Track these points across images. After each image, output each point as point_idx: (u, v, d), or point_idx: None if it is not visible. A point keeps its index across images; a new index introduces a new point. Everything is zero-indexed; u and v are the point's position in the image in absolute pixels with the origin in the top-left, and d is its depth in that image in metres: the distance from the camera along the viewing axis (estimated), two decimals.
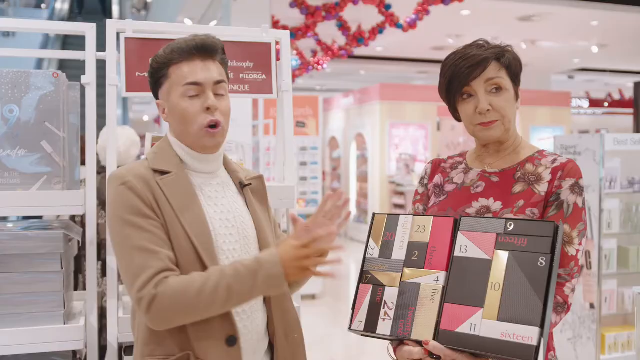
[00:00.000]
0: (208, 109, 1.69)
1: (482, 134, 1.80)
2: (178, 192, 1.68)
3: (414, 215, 1.74)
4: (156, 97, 1.80)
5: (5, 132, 2.01)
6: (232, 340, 1.64)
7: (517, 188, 1.77)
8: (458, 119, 1.88)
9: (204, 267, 1.62)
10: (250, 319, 1.72)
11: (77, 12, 19.93)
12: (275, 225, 1.95)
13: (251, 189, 1.86)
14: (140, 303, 1.54)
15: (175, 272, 1.59)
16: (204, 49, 1.72)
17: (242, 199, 1.84)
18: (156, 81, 1.76)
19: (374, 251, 1.74)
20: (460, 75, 1.76)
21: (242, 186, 1.85)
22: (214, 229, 1.70)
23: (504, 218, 1.61)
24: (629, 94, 19.41)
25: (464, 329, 1.52)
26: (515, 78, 1.81)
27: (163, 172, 1.71)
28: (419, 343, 1.57)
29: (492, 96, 1.76)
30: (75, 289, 3.07)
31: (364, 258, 1.75)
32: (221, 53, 1.77)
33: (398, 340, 1.63)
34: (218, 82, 1.72)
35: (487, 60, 1.75)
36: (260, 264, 1.57)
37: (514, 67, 1.79)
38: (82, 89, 2.22)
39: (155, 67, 1.75)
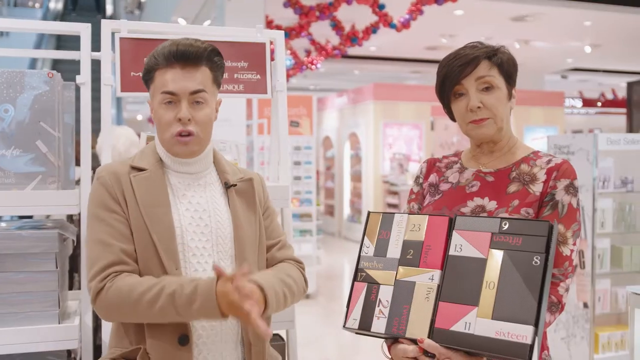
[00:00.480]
0: (180, 120, 1.70)
1: (474, 131, 1.81)
2: (147, 189, 1.73)
3: (409, 214, 1.75)
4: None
5: (0, 131, 2.01)
6: (184, 339, 1.66)
7: (512, 188, 1.78)
8: (453, 119, 1.89)
9: (161, 263, 1.66)
10: (217, 322, 1.72)
11: (71, 8, 19.87)
12: (262, 228, 1.89)
13: (236, 190, 1.86)
14: (89, 293, 1.65)
15: (128, 266, 1.65)
16: (184, 57, 1.71)
17: (226, 199, 1.85)
18: (146, 82, 1.80)
19: (369, 249, 1.75)
20: (452, 74, 1.79)
21: (226, 187, 1.85)
22: (180, 226, 1.73)
23: (498, 217, 1.62)
24: (622, 93, 19.47)
25: (458, 327, 1.53)
26: (508, 77, 1.81)
27: (140, 169, 1.76)
28: (413, 341, 1.57)
29: (483, 94, 1.77)
30: (71, 288, 3.06)
31: (359, 256, 1.75)
32: (209, 58, 1.76)
33: (392, 339, 1.63)
34: (195, 92, 1.72)
35: (478, 58, 1.77)
36: (197, 292, 1.57)
37: (506, 66, 1.80)
38: (77, 88, 2.21)
39: (145, 70, 1.78)
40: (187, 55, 1.71)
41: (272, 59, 2.48)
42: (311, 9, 8.75)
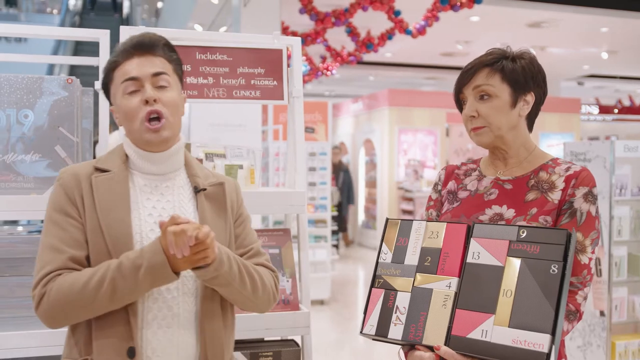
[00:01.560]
0: (147, 102, 1.66)
1: (474, 139, 1.84)
2: (107, 191, 1.67)
3: (427, 221, 1.75)
4: (111, 105, 1.79)
5: (19, 136, 2.03)
6: (132, 352, 1.59)
7: (531, 196, 1.78)
8: None
9: None
10: (168, 333, 1.65)
11: (90, 8, 20.11)
12: (231, 235, 1.82)
13: (205, 195, 1.79)
14: (33, 302, 1.58)
15: (69, 272, 1.58)
16: (139, 46, 1.70)
17: (194, 204, 1.78)
18: (106, 89, 1.76)
19: (387, 256, 1.75)
20: (458, 82, 1.84)
21: (196, 191, 1.78)
22: (140, 231, 1.66)
23: (516, 225, 1.62)
24: (639, 100, 19.35)
25: (475, 335, 1.53)
26: (514, 84, 1.78)
27: (104, 171, 1.70)
28: (430, 348, 1.57)
29: (479, 103, 1.79)
30: None
31: (377, 262, 1.76)
32: (164, 49, 1.74)
33: (409, 345, 1.63)
34: (157, 74, 1.69)
35: (477, 66, 1.79)
36: (142, 254, 1.55)
37: (511, 74, 1.78)
38: (96, 94, 2.23)
39: (104, 74, 1.76)
40: (142, 44, 1.70)
41: (289, 65, 2.49)
42: (327, 15, 8.77)
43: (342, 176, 12.44)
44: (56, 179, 1.70)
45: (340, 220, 12.08)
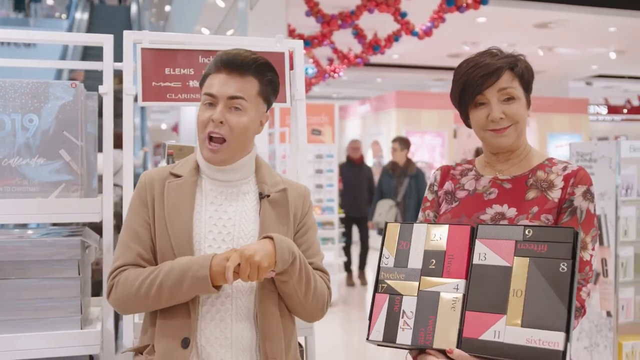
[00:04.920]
0: (213, 120, 1.74)
1: (494, 140, 1.82)
2: (176, 195, 1.79)
3: (428, 223, 1.75)
4: None
5: (25, 141, 2.05)
6: (186, 342, 1.70)
7: (531, 194, 1.79)
8: (469, 125, 1.90)
9: None
10: (221, 326, 1.74)
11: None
12: (291, 238, 1.85)
13: (269, 201, 1.84)
14: (108, 289, 1.76)
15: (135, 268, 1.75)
16: (229, 64, 1.76)
17: (258, 209, 1.84)
18: (201, 90, 1.85)
19: (389, 260, 1.74)
20: (474, 84, 1.78)
21: (260, 197, 1.85)
22: (199, 232, 1.76)
23: (521, 225, 1.63)
24: None
25: (487, 336, 1.53)
26: (527, 86, 1.83)
27: (177, 176, 1.82)
28: (441, 352, 1.57)
29: (504, 105, 1.78)
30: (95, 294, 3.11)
31: (379, 267, 1.75)
32: (257, 70, 1.78)
33: (418, 350, 1.63)
34: (233, 98, 1.75)
35: (501, 69, 1.77)
36: (191, 265, 1.67)
37: (526, 77, 1.82)
38: (100, 98, 2.26)
39: (201, 78, 1.84)
40: (232, 62, 1.76)
41: (292, 68, 2.51)
42: (333, 17, 8.79)
43: (407, 183, 7.77)
44: (139, 180, 1.85)
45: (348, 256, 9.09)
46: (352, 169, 9.02)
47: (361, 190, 8.82)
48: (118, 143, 2.19)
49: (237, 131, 1.75)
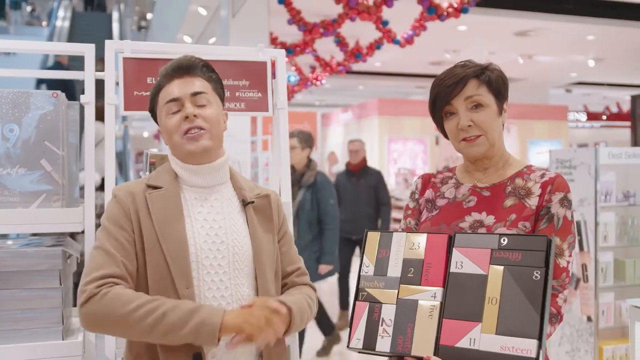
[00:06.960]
0: (187, 117, 1.75)
1: (468, 150, 1.85)
2: (162, 206, 1.75)
3: (407, 232, 1.77)
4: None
5: (5, 151, 2.04)
6: (198, 357, 1.67)
7: (509, 202, 1.81)
8: (447, 137, 1.92)
9: (173, 281, 1.67)
10: (225, 340, 1.70)
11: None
12: (277, 247, 1.90)
13: (254, 207, 1.86)
14: (81, 296, 1.61)
15: (127, 284, 1.66)
16: (180, 69, 1.81)
17: (244, 216, 1.85)
18: (154, 114, 1.87)
19: (369, 269, 1.76)
20: (442, 94, 1.83)
21: (244, 204, 1.86)
22: (195, 244, 1.73)
23: (497, 234, 1.65)
24: (627, 107, 19.48)
25: (463, 343, 1.55)
26: (497, 94, 1.84)
27: (156, 187, 1.78)
28: (419, 359, 1.59)
29: (472, 113, 1.81)
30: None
31: (359, 276, 1.77)
32: (204, 70, 1.84)
33: (397, 357, 1.64)
34: (196, 94, 1.78)
35: (467, 77, 1.81)
36: (201, 309, 1.60)
37: (495, 84, 1.84)
38: (81, 108, 2.25)
39: (149, 101, 1.86)
40: (180, 67, 1.80)
41: (274, 77, 2.52)
42: (315, 25, 8.82)
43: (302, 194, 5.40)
44: (112, 196, 1.78)
45: (342, 288, 6.80)
46: (349, 179, 6.87)
47: (361, 204, 6.74)
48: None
49: (212, 121, 1.79)
